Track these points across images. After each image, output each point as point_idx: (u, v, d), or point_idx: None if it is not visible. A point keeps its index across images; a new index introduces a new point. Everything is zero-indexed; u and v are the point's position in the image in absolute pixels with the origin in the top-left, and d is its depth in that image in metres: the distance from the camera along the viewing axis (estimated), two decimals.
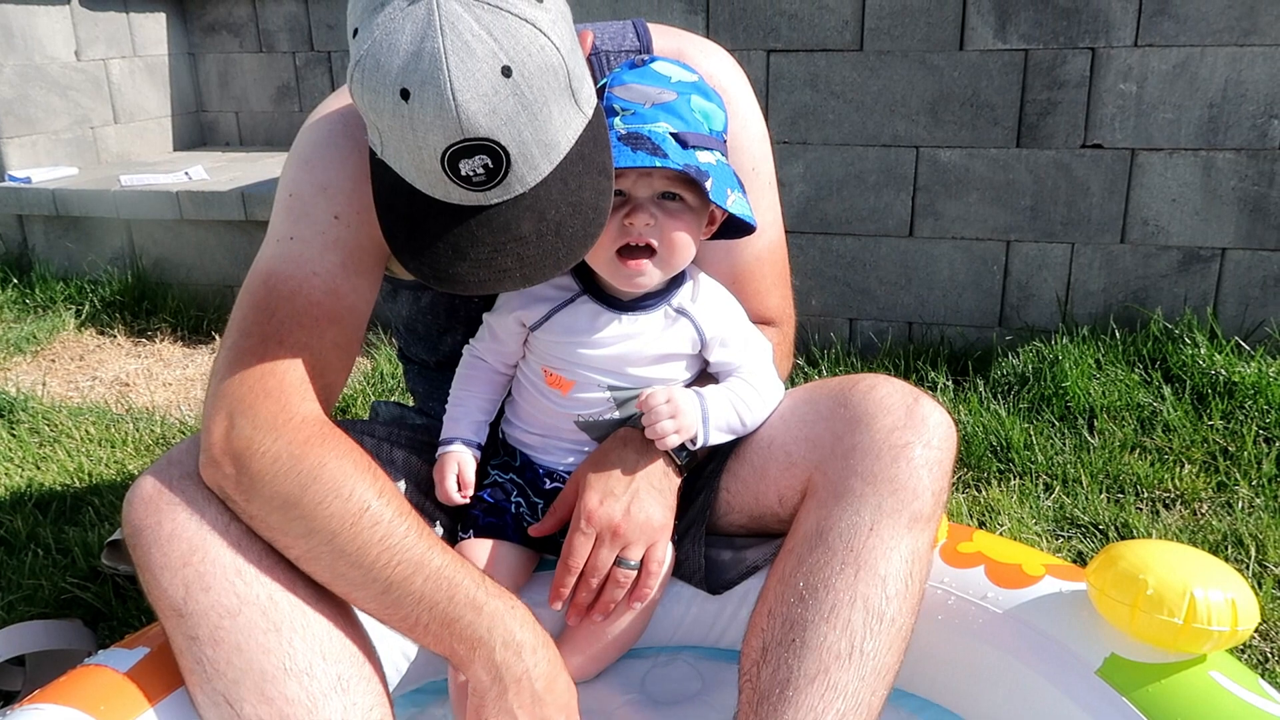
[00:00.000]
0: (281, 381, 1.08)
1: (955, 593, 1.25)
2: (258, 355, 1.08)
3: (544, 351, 1.22)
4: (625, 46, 1.28)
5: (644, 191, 1.11)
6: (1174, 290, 2.57)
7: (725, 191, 1.10)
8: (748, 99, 1.31)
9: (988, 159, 2.59)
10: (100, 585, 1.72)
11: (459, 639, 1.05)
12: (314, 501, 1.02)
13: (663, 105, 1.10)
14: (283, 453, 1.03)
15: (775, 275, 1.37)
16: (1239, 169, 2.45)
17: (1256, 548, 1.76)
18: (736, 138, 1.26)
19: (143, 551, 1.04)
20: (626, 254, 1.12)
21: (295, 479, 1.02)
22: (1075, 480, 2.03)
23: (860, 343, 2.80)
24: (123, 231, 3.39)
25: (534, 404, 1.26)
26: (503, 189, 0.98)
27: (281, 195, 1.17)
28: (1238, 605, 1.06)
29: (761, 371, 1.24)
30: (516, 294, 1.21)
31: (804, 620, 1.07)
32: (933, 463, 1.12)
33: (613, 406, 1.22)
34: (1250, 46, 2.36)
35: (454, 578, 1.05)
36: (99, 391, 2.76)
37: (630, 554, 1.18)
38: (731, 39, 2.64)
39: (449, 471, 1.24)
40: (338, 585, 1.06)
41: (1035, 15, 2.45)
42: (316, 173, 1.15)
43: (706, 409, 1.18)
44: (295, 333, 1.10)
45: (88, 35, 3.70)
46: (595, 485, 1.18)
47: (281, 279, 1.11)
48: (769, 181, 1.34)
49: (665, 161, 1.06)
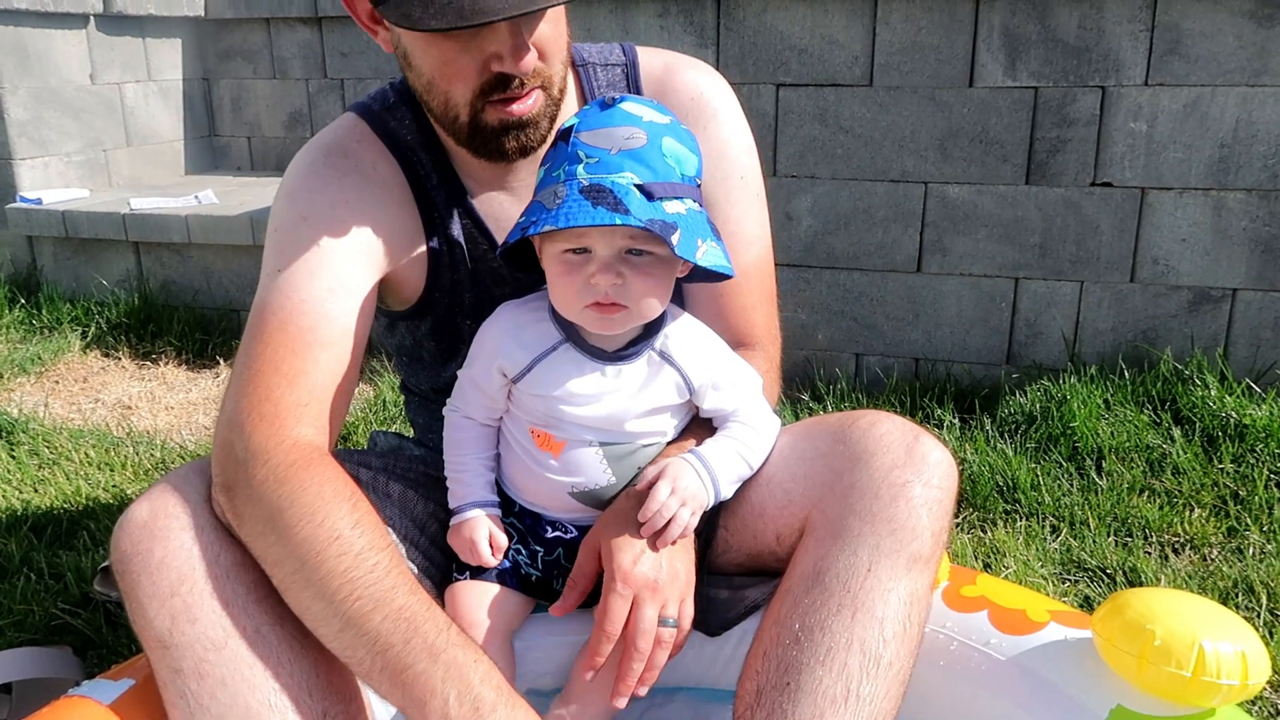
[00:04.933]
0: (276, 407, 1.08)
1: (958, 638, 1.22)
2: (255, 384, 1.10)
3: (529, 408, 1.18)
4: (611, 60, 1.30)
5: (608, 249, 1.06)
6: (1184, 330, 2.54)
7: (695, 243, 1.06)
8: (734, 112, 1.31)
9: (997, 196, 2.58)
10: (92, 612, 1.70)
11: (409, 688, 0.96)
12: (288, 525, 1.01)
13: (630, 152, 1.05)
14: (269, 476, 1.03)
15: (761, 292, 1.34)
16: (1250, 209, 2.43)
17: (1268, 596, 1.72)
18: (723, 148, 1.27)
19: (130, 580, 1.03)
20: (597, 306, 1.09)
21: (275, 502, 1.01)
22: (1083, 522, 2.00)
23: (866, 378, 2.78)
24: (131, 254, 3.40)
25: (526, 473, 1.21)
26: None
27: (269, 231, 1.20)
28: (1248, 658, 1.03)
29: (757, 409, 1.21)
30: (497, 342, 1.18)
31: (799, 663, 1.04)
32: (932, 502, 1.09)
33: (608, 471, 1.17)
34: (1261, 87, 2.35)
35: (415, 620, 0.98)
36: (101, 414, 2.76)
37: (670, 611, 1.11)
38: (741, 72, 2.65)
39: (480, 538, 1.19)
40: (306, 619, 1.02)
41: (1045, 53, 2.45)
42: (298, 203, 1.19)
43: (713, 472, 1.13)
44: (289, 360, 1.11)
45: (103, 59, 3.74)
46: (623, 547, 1.11)
47: (273, 310, 1.14)
48: (757, 193, 1.33)
49: (626, 219, 1.01)
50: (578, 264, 1.07)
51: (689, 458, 1.14)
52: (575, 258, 1.08)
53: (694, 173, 1.11)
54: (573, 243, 1.07)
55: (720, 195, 1.29)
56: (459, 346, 1.34)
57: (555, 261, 1.10)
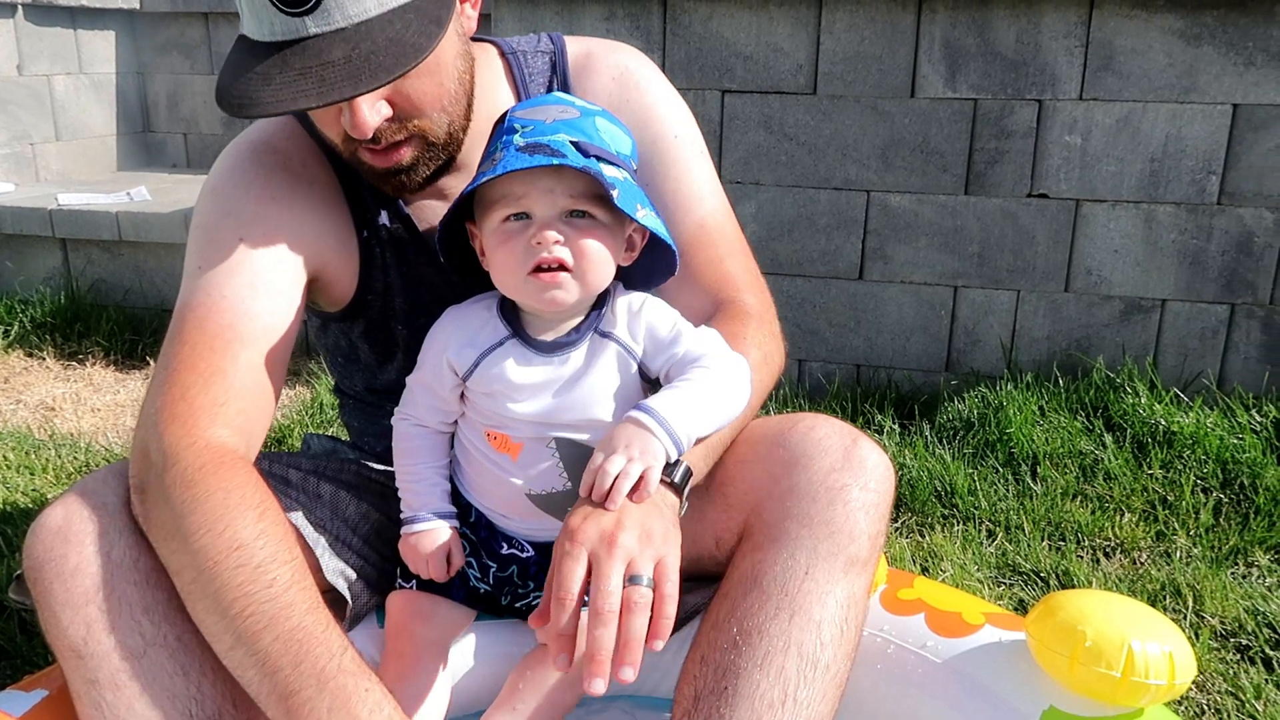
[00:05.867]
0: (191, 406, 1.04)
1: (895, 641, 1.23)
2: (171, 383, 1.06)
3: (482, 409, 1.14)
4: (540, 48, 1.29)
5: (549, 210, 1.05)
6: (1115, 339, 2.60)
7: (635, 205, 1.04)
8: (659, 81, 1.29)
9: (937, 205, 2.62)
10: (5, 620, 1.63)
11: (294, 715, 0.90)
12: (188, 532, 0.96)
13: (565, 121, 1.06)
14: (177, 479, 0.98)
15: (729, 243, 1.27)
16: (1179, 222, 2.50)
17: (1194, 598, 1.76)
18: (651, 111, 1.26)
19: (44, 587, 0.99)
20: (540, 274, 1.05)
21: (179, 506, 0.97)
22: (1018, 527, 2.03)
23: (809, 384, 2.80)
24: (58, 251, 3.29)
25: (485, 475, 1.17)
26: (321, 16, 0.96)
27: (193, 229, 1.17)
28: (1175, 659, 1.05)
29: (710, 354, 1.09)
30: (446, 340, 1.14)
31: (736, 667, 1.04)
32: (870, 505, 1.09)
33: (564, 475, 1.13)
34: (1190, 104, 2.42)
35: (307, 643, 0.92)
36: (22, 415, 2.66)
37: (640, 569, 0.94)
38: (687, 78, 2.65)
39: (439, 554, 1.15)
40: (204, 632, 0.96)
41: (984, 66, 2.50)
42: (221, 200, 1.15)
43: (659, 416, 1.01)
44: (207, 357, 1.07)
45: (31, 50, 3.62)
46: (574, 511, 1.00)
47: (192, 308, 1.10)
48: (699, 151, 1.29)
49: (564, 161, 1.00)
50: (518, 230, 1.05)
51: (629, 414, 1.03)
52: (515, 224, 1.05)
53: (628, 152, 1.11)
54: (512, 207, 1.05)
55: (657, 156, 1.25)
56: (393, 350, 1.31)
57: (495, 234, 1.07)
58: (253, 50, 1.00)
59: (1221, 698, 1.53)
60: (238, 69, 1.00)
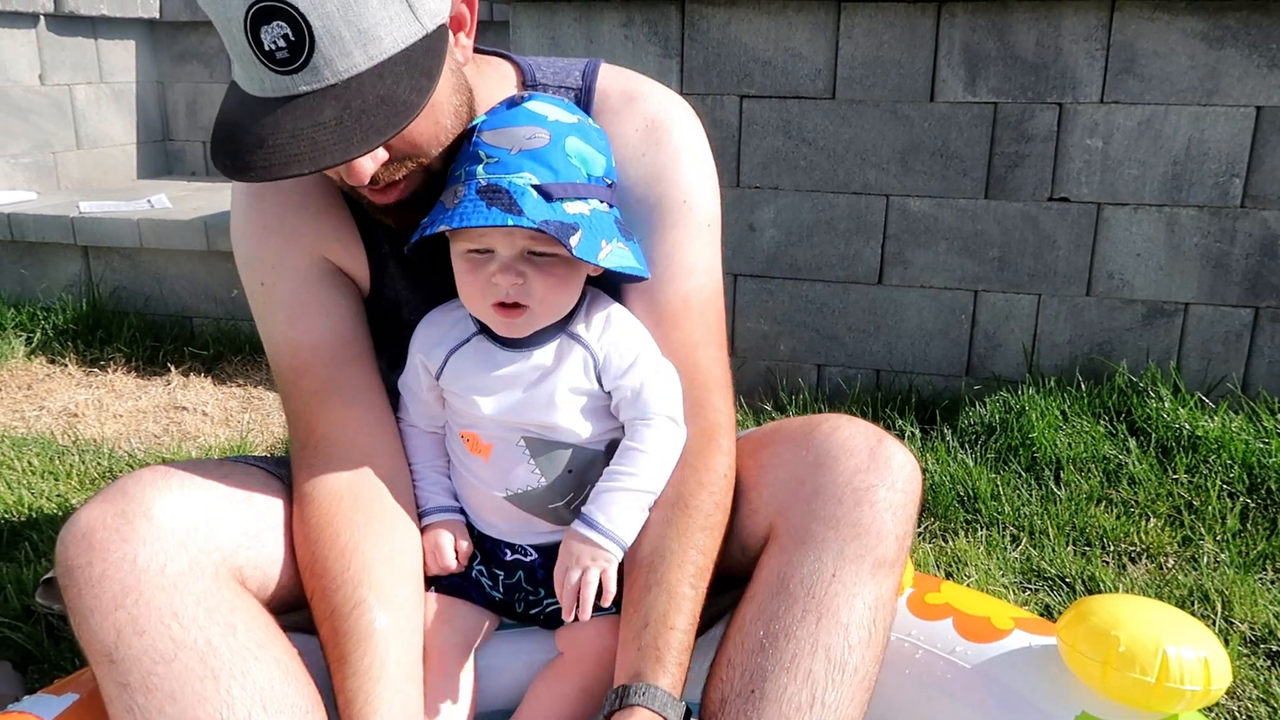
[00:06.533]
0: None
1: (923, 646, 1.22)
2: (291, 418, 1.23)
3: (456, 409, 1.17)
4: (567, 83, 1.23)
5: (509, 249, 1.05)
6: (1138, 344, 2.58)
7: (598, 244, 1.04)
8: (691, 141, 1.21)
9: (956, 209, 2.61)
10: (33, 625, 1.64)
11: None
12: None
13: (530, 152, 1.04)
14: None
15: (706, 328, 1.20)
16: (1201, 225, 2.48)
17: (1223, 604, 1.75)
18: (666, 169, 1.18)
19: (74, 592, 0.99)
20: (501, 307, 1.08)
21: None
22: (1042, 532, 2.01)
23: (829, 389, 2.79)
24: (79, 258, 3.32)
25: (465, 483, 1.21)
26: (310, 73, 0.95)
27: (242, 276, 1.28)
28: (1210, 664, 1.04)
29: (657, 414, 1.13)
30: (420, 340, 1.19)
31: (764, 670, 1.03)
32: (897, 506, 1.09)
33: (536, 471, 1.15)
34: (1213, 106, 2.40)
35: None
36: (45, 422, 2.67)
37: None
38: (705, 84, 2.65)
39: (445, 543, 1.18)
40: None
41: (1004, 69, 2.49)
42: (240, 251, 1.24)
43: (604, 530, 1.09)
44: (287, 402, 1.22)
45: (53, 60, 3.66)
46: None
47: (271, 359, 1.24)
48: (707, 223, 1.21)
49: (519, 220, 1.00)
50: (480, 263, 1.07)
51: (574, 527, 1.11)
52: (479, 257, 1.07)
53: (602, 172, 1.09)
54: (475, 243, 1.07)
55: (659, 216, 1.18)
56: (402, 358, 1.33)
57: (460, 260, 1.09)
58: (244, 103, 0.99)
59: (1254, 704, 1.51)
60: (232, 127, 1.00)
